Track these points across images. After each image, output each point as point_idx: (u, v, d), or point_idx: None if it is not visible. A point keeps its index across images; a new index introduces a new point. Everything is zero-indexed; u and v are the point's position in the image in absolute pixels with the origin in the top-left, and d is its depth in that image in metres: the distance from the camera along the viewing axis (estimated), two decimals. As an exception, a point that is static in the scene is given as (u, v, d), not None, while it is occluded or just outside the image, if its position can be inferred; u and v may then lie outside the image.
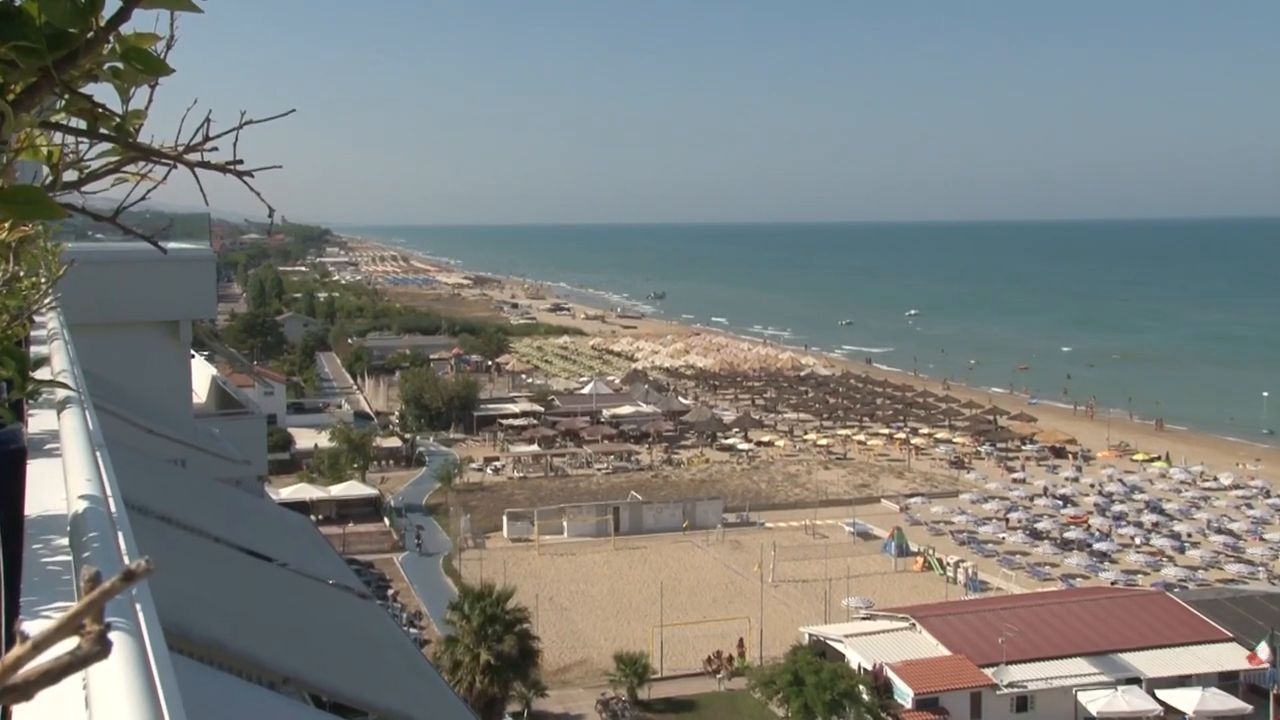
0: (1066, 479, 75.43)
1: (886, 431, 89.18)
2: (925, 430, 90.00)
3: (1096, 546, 59.99)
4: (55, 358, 4.49)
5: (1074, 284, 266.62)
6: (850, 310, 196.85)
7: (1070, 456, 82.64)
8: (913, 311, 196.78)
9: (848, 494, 70.99)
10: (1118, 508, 67.56)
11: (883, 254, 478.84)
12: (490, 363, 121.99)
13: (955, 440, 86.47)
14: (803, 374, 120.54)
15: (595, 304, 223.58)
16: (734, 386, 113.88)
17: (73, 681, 1.20)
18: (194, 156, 1.55)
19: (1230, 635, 43.65)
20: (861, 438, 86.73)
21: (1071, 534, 61.81)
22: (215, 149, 1.54)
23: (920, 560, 57.73)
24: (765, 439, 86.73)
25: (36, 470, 2.71)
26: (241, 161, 1.53)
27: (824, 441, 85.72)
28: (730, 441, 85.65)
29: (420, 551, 55.84)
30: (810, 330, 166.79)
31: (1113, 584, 53.57)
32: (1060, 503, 68.63)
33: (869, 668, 41.21)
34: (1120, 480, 73.65)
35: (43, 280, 3.27)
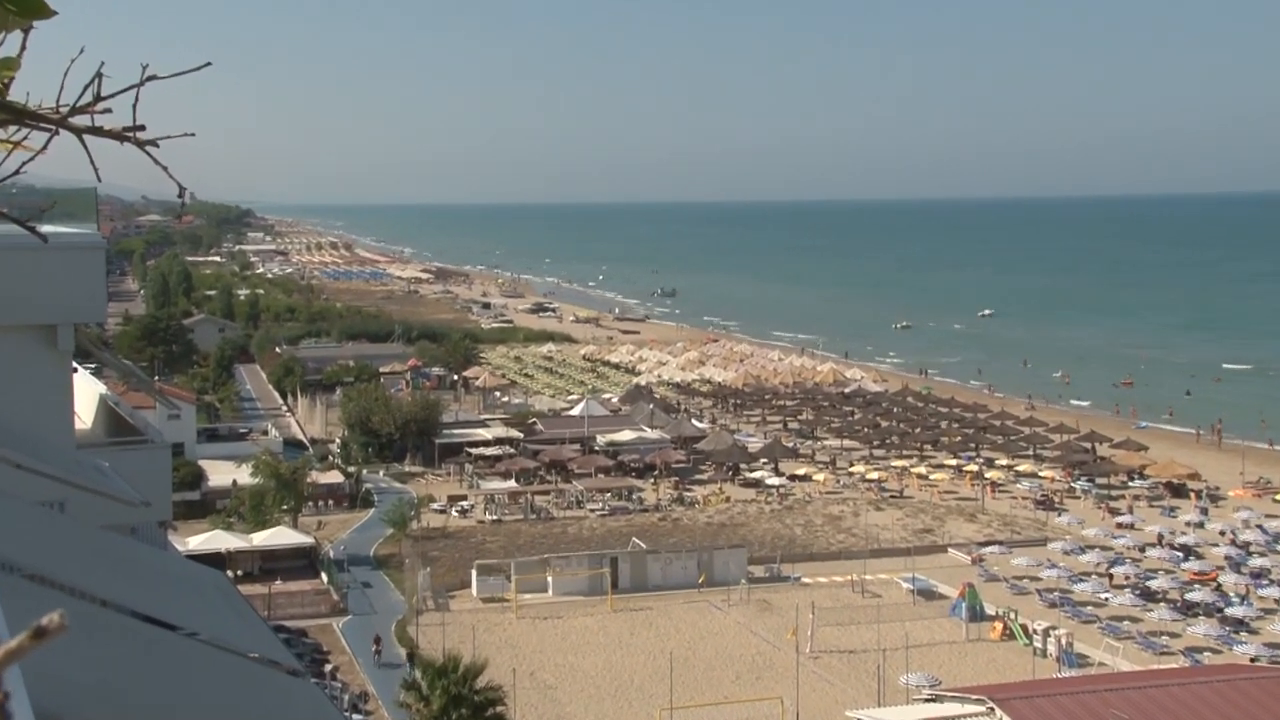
0: (1188, 524, 75.04)
1: (954, 462, 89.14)
2: (1004, 461, 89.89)
3: (1230, 612, 59.51)
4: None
5: (1188, 275, 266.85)
6: (907, 310, 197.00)
7: (1192, 495, 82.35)
8: (986, 311, 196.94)
9: (906, 541, 70.87)
10: (1257, 562, 67.00)
11: (946, 238, 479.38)
12: (456, 377, 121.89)
13: (1042, 474, 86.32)
14: (848, 390, 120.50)
15: (587, 303, 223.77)
16: (761, 406, 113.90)
17: None
18: (82, 120, 1.49)
19: None
20: (922, 470, 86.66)
21: (1196, 595, 61.30)
22: (109, 110, 1.49)
23: (999, 626, 57.53)
24: (801, 472, 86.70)
25: None
26: (144, 127, 1.48)
27: (875, 475, 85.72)
28: (757, 475, 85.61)
29: (378, 662, 54.15)
30: (857, 336, 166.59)
31: (1252, 660, 53.16)
32: (1180, 555, 68.20)
33: (935, 762, 40.90)
34: (1259, 527, 73.10)
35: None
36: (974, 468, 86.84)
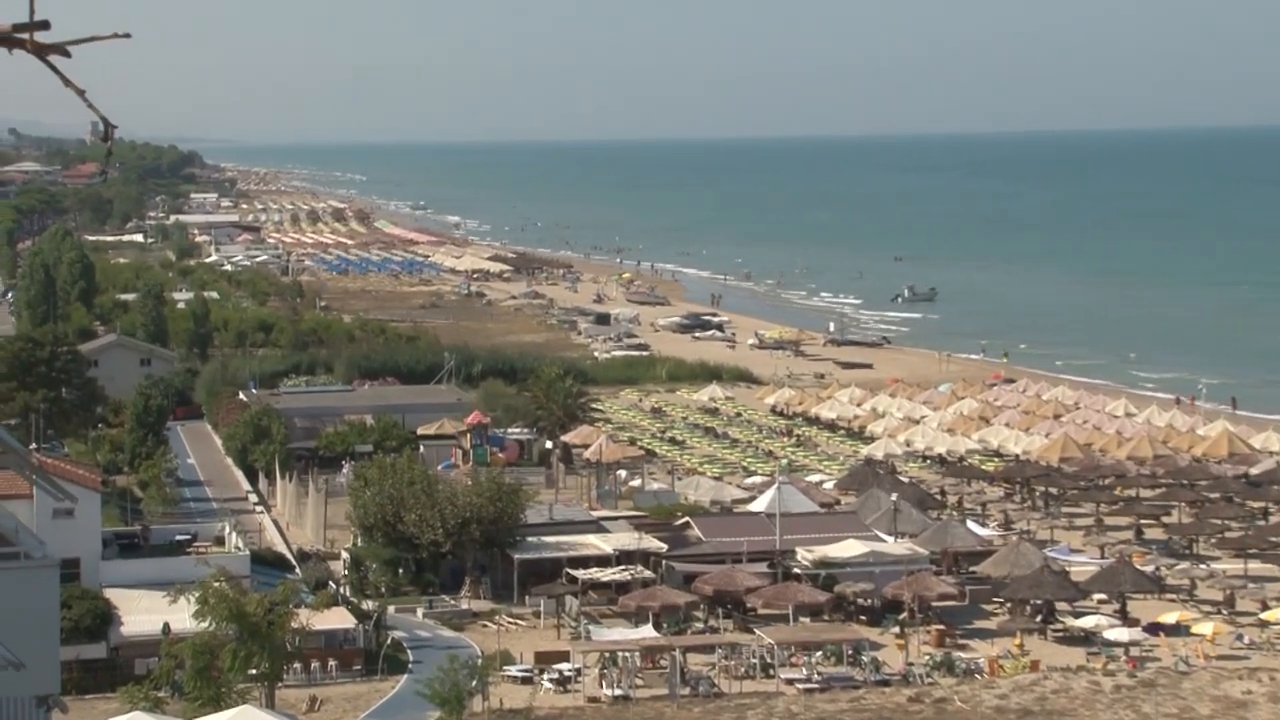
0: None
1: None
2: None
3: None
4: None
5: None
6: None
7: None
8: None
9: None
10: None
11: None
12: (551, 445, 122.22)
13: None
14: (1254, 471, 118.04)
15: (779, 315, 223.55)
16: (1095, 498, 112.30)
17: None
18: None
19: None
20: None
21: None
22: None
23: None
24: (1170, 619, 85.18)
25: None
26: (47, 25, 1.50)
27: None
28: (1089, 623, 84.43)
29: None
30: (1269, 370, 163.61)
31: None
32: None
33: None
34: None
35: None
36: None
